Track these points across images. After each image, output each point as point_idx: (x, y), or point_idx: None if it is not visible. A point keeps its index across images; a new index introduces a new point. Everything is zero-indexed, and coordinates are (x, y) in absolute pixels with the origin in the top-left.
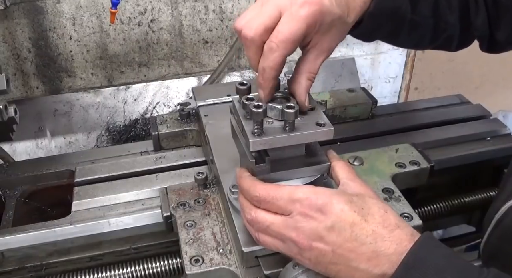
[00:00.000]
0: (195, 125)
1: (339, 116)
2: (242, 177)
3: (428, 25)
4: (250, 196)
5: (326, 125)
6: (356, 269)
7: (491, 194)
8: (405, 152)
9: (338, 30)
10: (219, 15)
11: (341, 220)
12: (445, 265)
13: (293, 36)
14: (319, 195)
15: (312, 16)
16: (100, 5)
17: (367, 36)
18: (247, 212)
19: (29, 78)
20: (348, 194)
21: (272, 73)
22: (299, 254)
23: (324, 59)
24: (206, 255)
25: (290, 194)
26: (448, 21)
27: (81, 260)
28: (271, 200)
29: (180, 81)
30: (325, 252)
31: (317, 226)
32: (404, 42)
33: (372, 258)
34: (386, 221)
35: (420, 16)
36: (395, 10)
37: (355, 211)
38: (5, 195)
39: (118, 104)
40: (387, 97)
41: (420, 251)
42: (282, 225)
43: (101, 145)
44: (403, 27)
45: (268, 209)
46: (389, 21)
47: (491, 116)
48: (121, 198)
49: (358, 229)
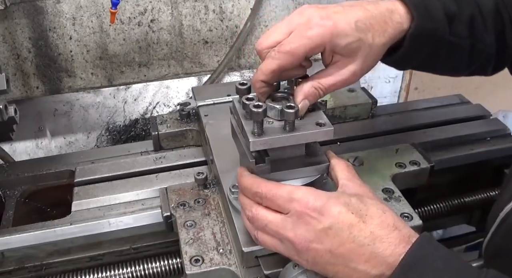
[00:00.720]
0: (195, 125)
1: (339, 116)
2: (243, 175)
3: (466, 46)
4: (252, 192)
5: (326, 125)
6: (354, 270)
7: (491, 194)
8: (405, 152)
9: (363, 53)
10: (219, 15)
11: (339, 221)
12: (443, 266)
13: (292, 50)
14: (318, 197)
15: (319, 37)
16: (100, 5)
17: (404, 62)
18: (248, 209)
19: (29, 78)
20: (346, 195)
21: (261, 76)
22: (297, 255)
23: (344, 81)
24: (206, 255)
25: (289, 193)
26: (485, 42)
27: (81, 260)
28: (271, 197)
29: (180, 81)
30: (322, 253)
31: (314, 227)
32: (442, 68)
33: (370, 259)
34: (384, 222)
35: (457, 37)
36: (434, 31)
37: (353, 212)
38: (5, 195)
39: (118, 104)
40: (387, 97)
41: (418, 252)
42: (280, 224)
43: (101, 145)
44: (441, 50)
45: (269, 207)
46: (429, 43)
47: (491, 116)
48: (121, 198)
49: (356, 231)
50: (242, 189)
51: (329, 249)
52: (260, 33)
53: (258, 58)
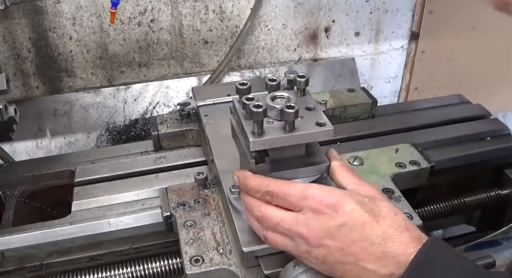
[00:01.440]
0: (195, 125)
1: (339, 116)
2: (248, 177)
3: None
4: (262, 191)
5: (326, 125)
6: (364, 269)
7: (491, 194)
8: (405, 152)
9: None
10: (219, 15)
11: (352, 219)
12: (454, 265)
13: None
14: (332, 193)
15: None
16: (100, 5)
17: None
18: (256, 209)
19: (29, 78)
20: (359, 194)
21: None
22: (307, 252)
23: None
24: (206, 255)
25: (302, 191)
26: None
27: (81, 260)
28: (283, 195)
29: (180, 81)
30: (334, 250)
31: (328, 223)
32: None
33: (381, 258)
34: (396, 223)
35: None
36: None
37: (366, 211)
38: (5, 195)
39: (118, 104)
40: (387, 97)
41: (429, 251)
42: (293, 221)
43: (101, 145)
44: None
45: (279, 205)
46: None
47: (491, 116)
48: (121, 198)
49: (369, 229)
50: (248, 190)
51: (340, 247)
52: (260, 33)
53: (258, 58)
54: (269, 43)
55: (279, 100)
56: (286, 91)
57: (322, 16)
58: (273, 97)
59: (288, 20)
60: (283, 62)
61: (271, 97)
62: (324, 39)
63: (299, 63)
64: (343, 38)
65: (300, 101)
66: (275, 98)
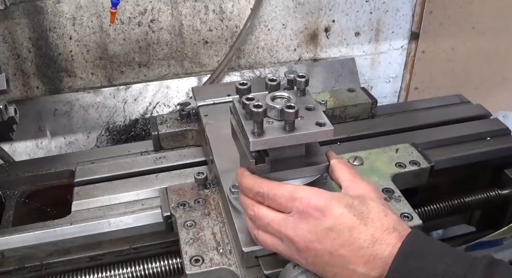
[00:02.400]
0: (195, 125)
1: (339, 116)
2: (244, 175)
3: None
4: (254, 192)
5: (326, 125)
6: (353, 272)
7: (491, 194)
8: (405, 152)
9: None
10: (219, 15)
11: (340, 223)
12: (441, 252)
13: None
14: (320, 196)
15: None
16: (100, 5)
17: None
18: (250, 208)
19: (29, 78)
20: (349, 196)
21: None
22: (297, 254)
23: None
24: (206, 255)
25: (291, 192)
26: None
27: (81, 260)
28: (273, 196)
29: (180, 81)
30: (322, 254)
31: (315, 226)
32: None
33: (370, 261)
34: (385, 225)
35: None
36: None
37: (354, 215)
38: (5, 195)
39: (118, 104)
40: (387, 97)
41: (415, 241)
42: (282, 222)
43: (101, 145)
44: None
45: (270, 206)
46: None
47: (491, 116)
48: (121, 198)
49: (357, 233)
50: (243, 189)
51: (328, 250)
52: (260, 33)
53: (258, 58)
54: (269, 43)
55: (279, 100)
56: (286, 91)
57: (322, 16)
58: (273, 97)
59: (288, 20)
60: (283, 62)
61: (271, 97)
62: (324, 39)
63: (299, 63)
64: (343, 38)
65: (300, 101)
66: (275, 98)
